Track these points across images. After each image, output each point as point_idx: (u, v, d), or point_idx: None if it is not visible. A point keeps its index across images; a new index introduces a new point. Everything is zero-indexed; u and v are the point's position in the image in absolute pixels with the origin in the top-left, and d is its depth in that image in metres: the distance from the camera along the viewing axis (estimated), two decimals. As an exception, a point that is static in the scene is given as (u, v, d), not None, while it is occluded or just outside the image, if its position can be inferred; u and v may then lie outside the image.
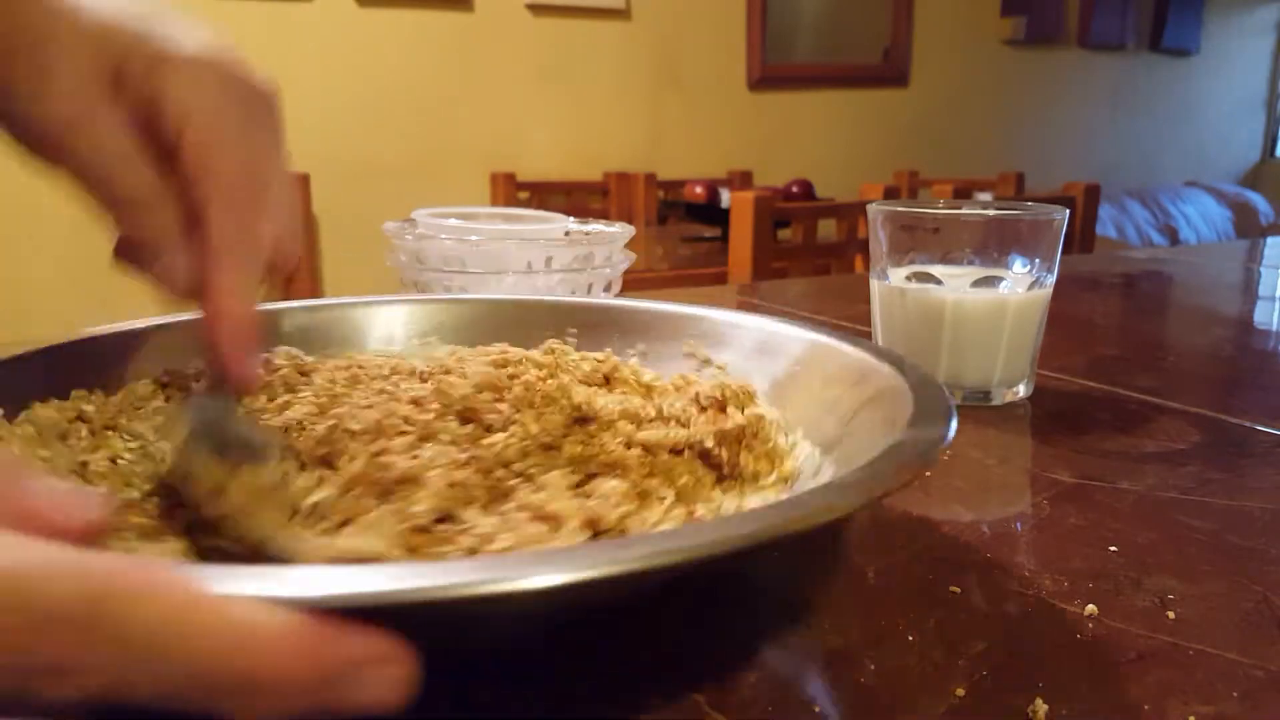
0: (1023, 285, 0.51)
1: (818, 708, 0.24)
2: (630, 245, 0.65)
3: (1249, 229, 3.91)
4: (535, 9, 2.47)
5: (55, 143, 0.29)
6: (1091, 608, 0.29)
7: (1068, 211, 0.52)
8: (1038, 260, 0.51)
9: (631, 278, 0.81)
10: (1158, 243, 3.57)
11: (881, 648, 0.27)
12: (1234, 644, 0.27)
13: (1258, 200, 4.08)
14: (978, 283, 0.51)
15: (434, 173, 2.40)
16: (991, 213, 0.51)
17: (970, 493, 0.40)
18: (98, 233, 0.31)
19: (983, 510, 0.38)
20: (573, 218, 0.68)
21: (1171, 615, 0.29)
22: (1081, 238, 1.86)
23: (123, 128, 0.29)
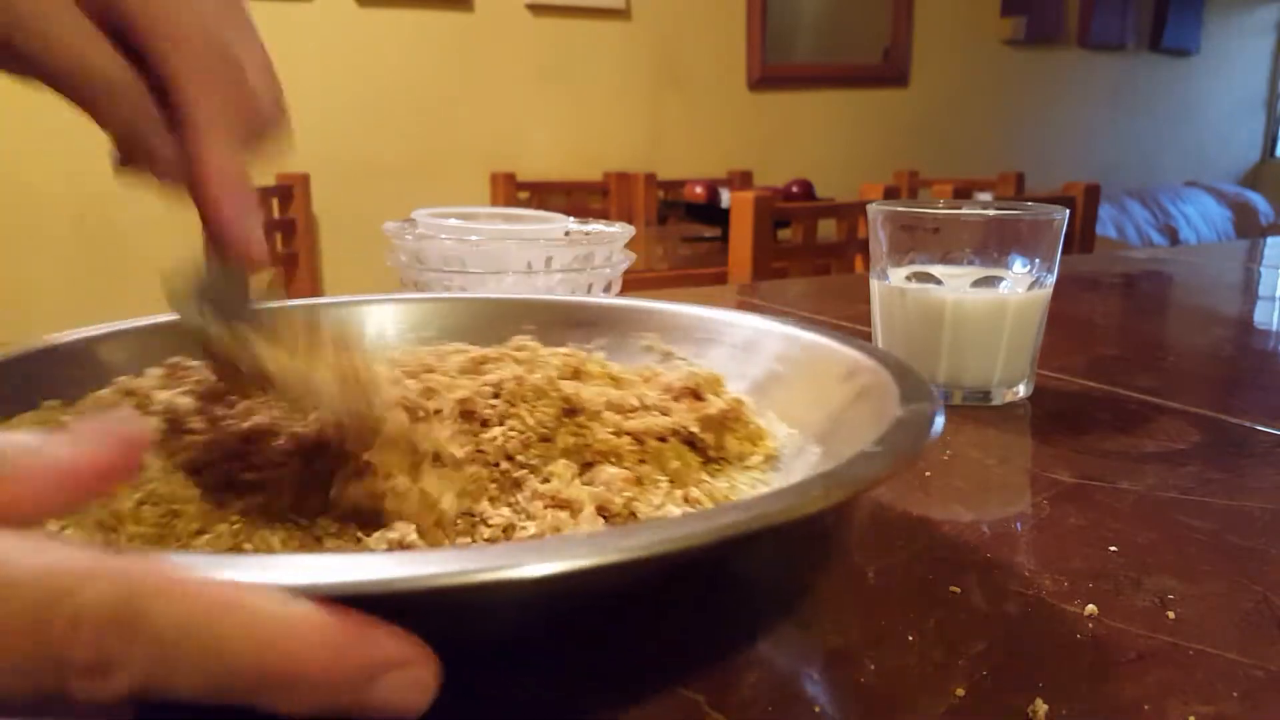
0: (1023, 285, 0.51)
1: (818, 707, 0.24)
2: (630, 245, 0.65)
3: (1249, 229, 3.91)
4: (535, 9, 2.47)
5: (20, 44, 0.27)
6: (1091, 608, 0.29)
7: (1068, 211, 0.52)
8: (1038, 260, 0.51)
9: (631, 278, 0.81)
10: (1158, 243, 3.57)
11: (881, 648, 0.27)
12: (1234, 644, 0.27)
13: (1258, 200, 4.08)
14: (978, 283, 0.51)
15: (434, 173, 2.40)
16: (991, 213, 0.51)
17: (970, 493, 0.40)
18: (97, 233, 0.30)
19: (983, 510, 0.38)
20: (573, 218, 0.68)
21: (1171, 615, 0.29)
22: (1081, 238, 1.86)
23: (79, 14, 0.27)
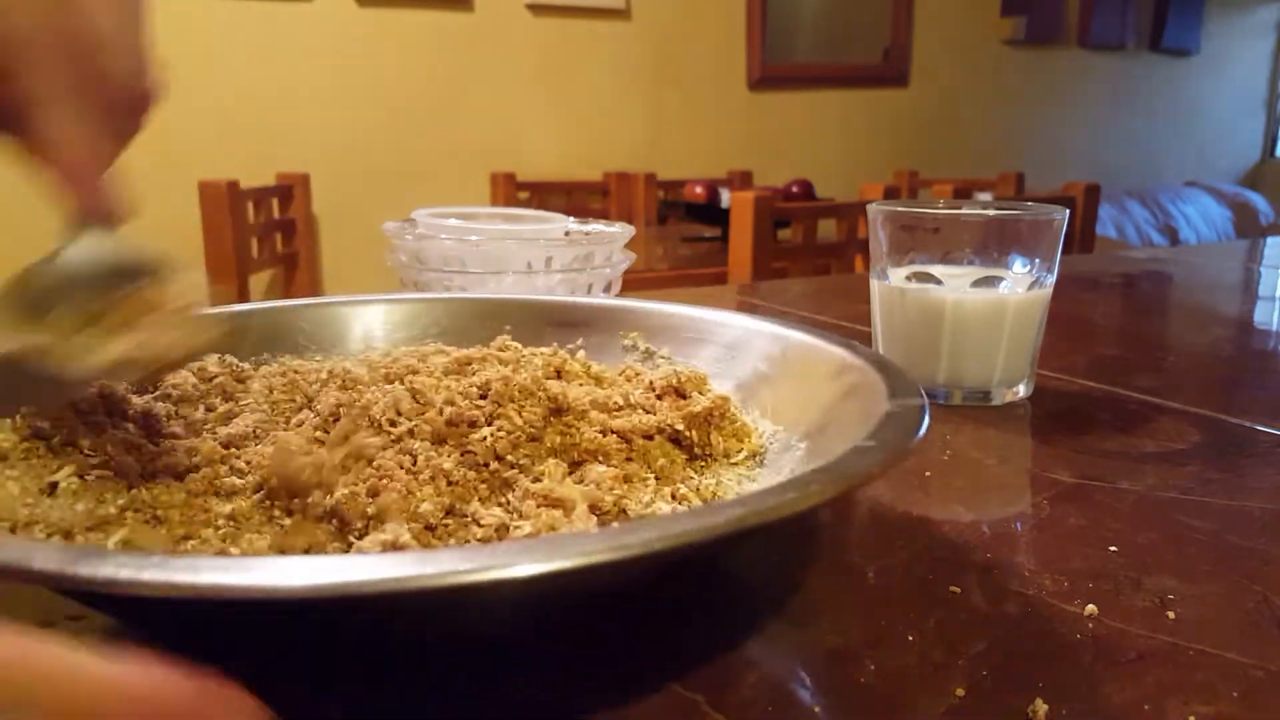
0: (1023, 285, 0.51)
1: (818, 707, 0.24)
2: (630, 245, 0.65)
3: (1249, 229, 3.91)
4: (535, 9, 2.47)
5: None
6: (1091, 608, 0.29)
7: (1068, 211, 0.52)
8: (1038, 260, 0.51)
9: (631, 278, 0.81)
10: (1158, 243, 3.57)
11: (881, 648, 0.27)
12: (1234, 644, 0.27)
13: (1258, 200, 4.07)
14: (978, 283, 0.51)
15: (434, 173, 2.40)
16: (991, 213, 0.51)
17: (970, 493, 0.40)
18: None
19: (983, 510, 0.38)
20: (573, 218, 0.68)
21: (1171, 615, 0.29)
22: (1081, 238, 1.86)
23: None
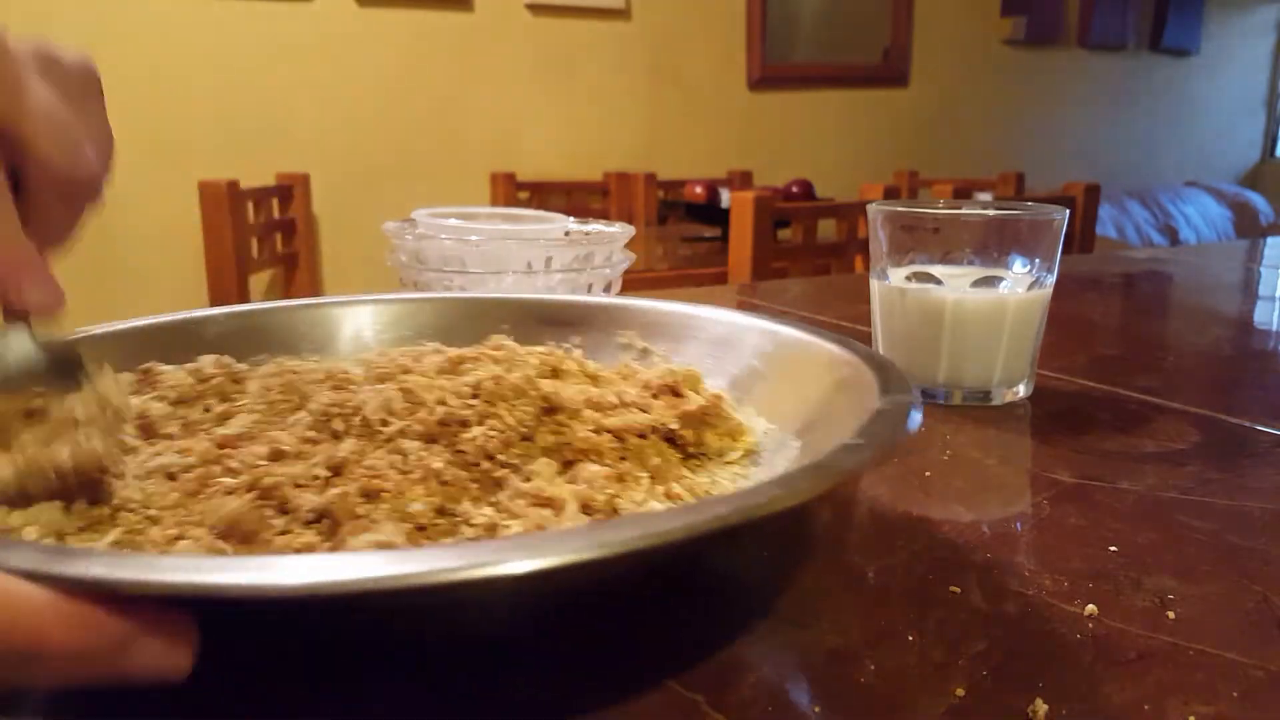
0: (1023, 285, 0.51)
1: (818, 708, 0.24)
2: (630, 245, 0.65)
3: (1249, 229, 3.91)
4: (535, 9, 2.47)
5: None
6: (1091, 608, 0.29)
7: (1068, 211, 0.52)
8: (1038, 260, 0.51)
9: (631, 278, 0.81)
10: (1158, 243, 3.57)
11: (881, 648, 0.27)
12: (1234, 644, 0.27)
13: (1258, 200, 4.08)
14: (978, 283, 0.51)
15: (434, 173, 2.40)
16: (991, 213, 0.51)
17: (970, 493, 0.40)
18: (92, 235, 0.29)
19: (983, 510, 0.38)
20: (573, 218, 0.68)
21: (1171, 615, 0.29)
22: (1081, 238, 1.86)
23: None
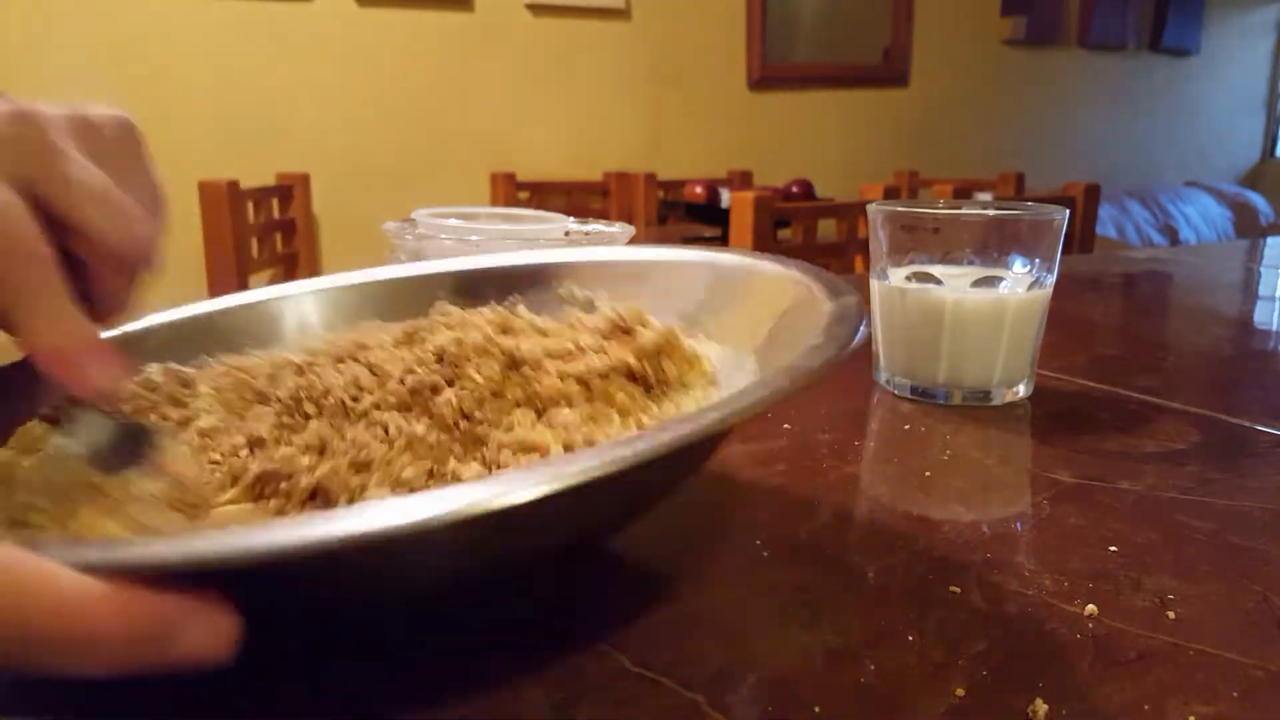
0: (1023, 285, 0.51)
1: (818, 708, 0.24)
2: (630, 245, 0.65)
3: (1249, 229, 3.91)
4: (535, 9, 2.47)
5: None
6: (1091, 608, 0.29)
7: (1068, 211, 0.52)
8: (1038, 260, 0.51)
9: (631, 278, 0.80)
10: (1158, 243, 3.57)
11: (881, 648, 0.27)
12: (1234, 644, 0.27)
13: (1258, 200, 4.08)
14: (978, 283, 0.51)
15: (434, 173, 2.40)
16: (991, 213, 0.51)
17: (970, 493, 0.40)
18: None
19: (983, 510, 0.38)
20: (573, 218, 0.68)
21: (1171, 615, 0.29)
22: (1081, 238, 1.86)
23: None
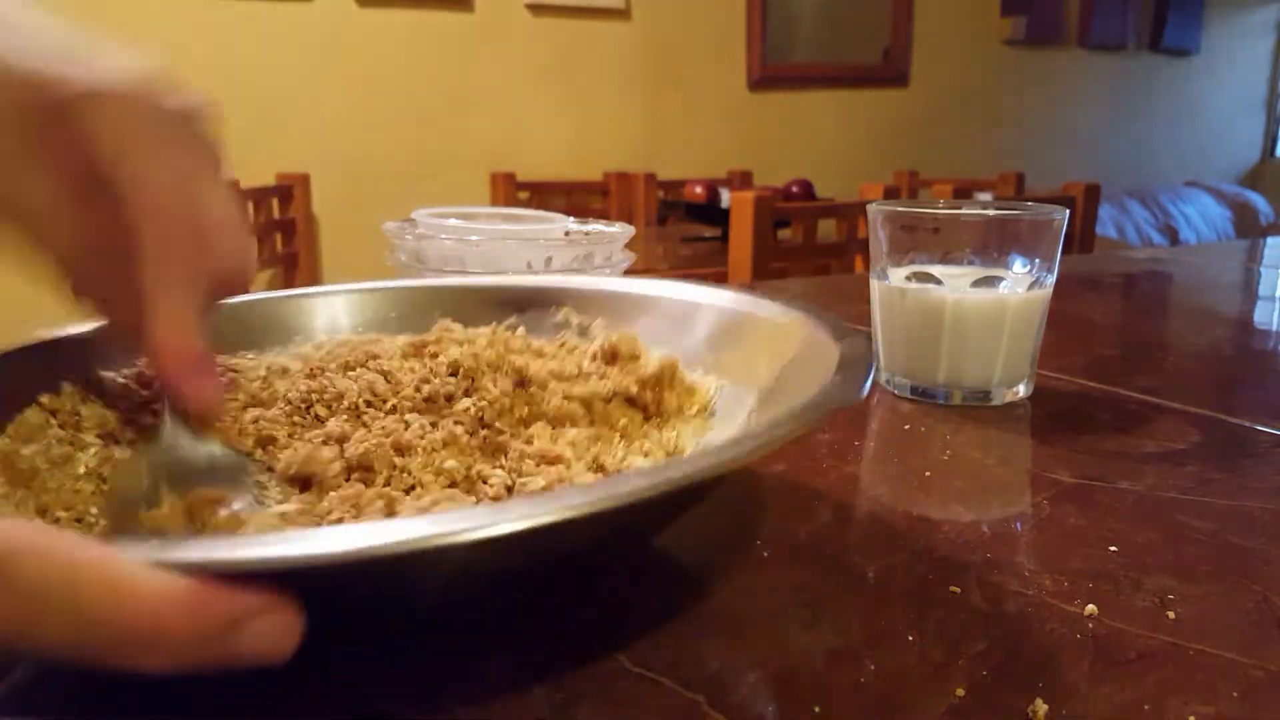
0: (1023, 285, 0.51)
1: (818, 708, 0.24)
2: (630, 245, 0.65)
3: (1249, 229, 3.91)
4: (535, 9, 2.47)
5: None
6: (1091, 608, 0.29)
7: (1068, 211, 0.52)
8: (1038, 260, 0.51)
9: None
10: (1158, 243, 3.57)
11: (881, 648, 0.27)
12: (1234, 644, 0.27)
13: (1258, 200, 4.08)
14: (978, 283, 0.51)
15: (434, 173, 2.40)
16: (991, 213, 0.51)
17: (970, 493, 0.40)
18: None
19: (983, 510, 0.38)
20: (573, 218, 0.68)
21: (1171, 615, 0.29)
22: (1081, 238, 1.86)
23: (50, 177, 0.28)
